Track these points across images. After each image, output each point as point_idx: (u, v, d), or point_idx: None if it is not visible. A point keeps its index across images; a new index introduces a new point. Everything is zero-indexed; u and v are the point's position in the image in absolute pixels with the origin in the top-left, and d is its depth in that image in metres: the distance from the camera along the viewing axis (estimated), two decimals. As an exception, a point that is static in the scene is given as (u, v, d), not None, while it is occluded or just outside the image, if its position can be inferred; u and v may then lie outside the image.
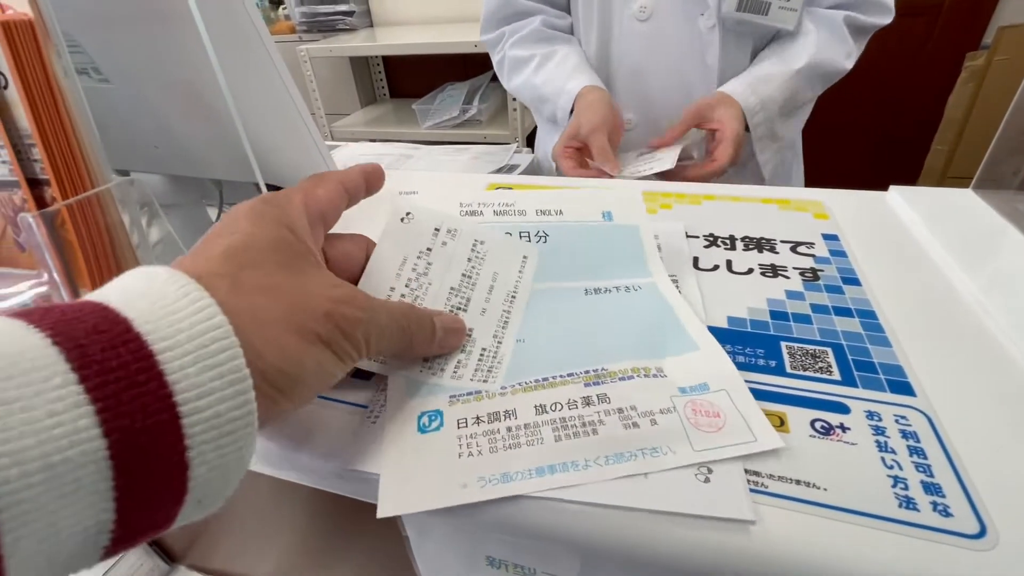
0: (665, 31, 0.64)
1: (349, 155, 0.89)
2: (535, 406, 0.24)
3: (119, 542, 0.15)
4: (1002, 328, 0.28)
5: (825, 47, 0.60)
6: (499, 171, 0.81)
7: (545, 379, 0.25)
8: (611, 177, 0.57)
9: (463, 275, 0.30)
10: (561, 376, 0.25)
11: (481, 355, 0.27)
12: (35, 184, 0.25)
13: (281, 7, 2.01)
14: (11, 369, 0.13)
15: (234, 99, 0.40)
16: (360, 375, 0.28)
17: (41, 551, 0.13)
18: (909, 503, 0.20)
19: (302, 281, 0.21)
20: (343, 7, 1.87)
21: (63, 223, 0.25)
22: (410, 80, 2.12)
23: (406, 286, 0.29)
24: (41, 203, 0.25)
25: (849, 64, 0.63)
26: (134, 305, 0.16)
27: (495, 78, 1.41)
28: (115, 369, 0.14)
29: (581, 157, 0.60)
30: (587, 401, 0.24)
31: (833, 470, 0.21)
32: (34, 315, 0.15)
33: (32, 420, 0.13)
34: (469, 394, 0.25)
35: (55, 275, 0.26)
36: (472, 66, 1.89)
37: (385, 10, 1.99)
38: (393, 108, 2.05)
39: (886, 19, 0.63)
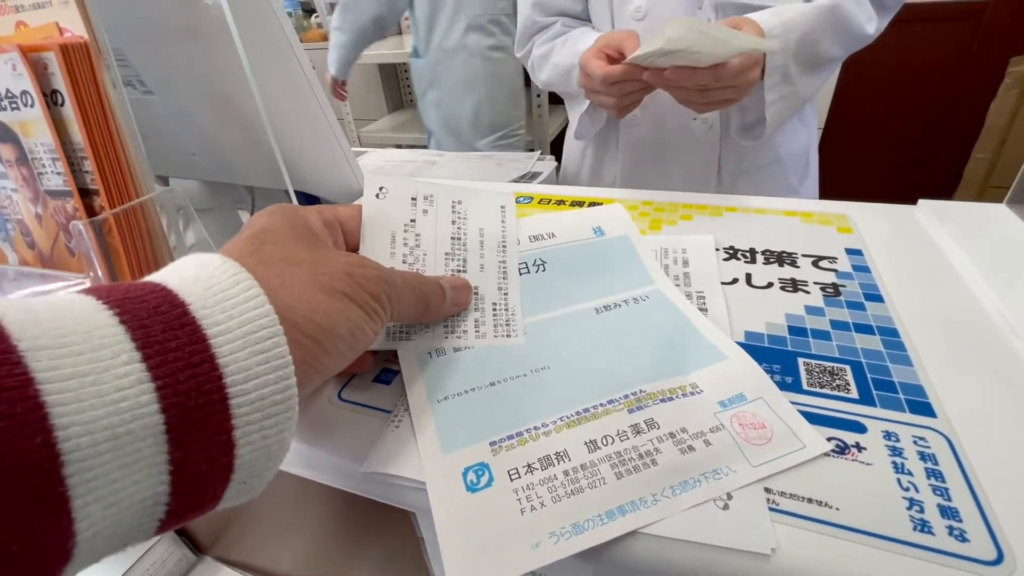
0: (661, 23, 0.62)
1: (375, 161, 0.91)
2: (586, 443, 0.23)
3: (172, 516, 0.16)
4: (1031, 349, 0.27)
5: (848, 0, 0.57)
6: (521, 178, 0.82)
7: (586, 410, 0.25)
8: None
9: (452, 238, 0.31)
10: (602, 405, 0.25)
11: (495, 310, 0.28)
12: (85, 194, 0.27)
13: (313, 15, 2.07)
14: (84, 345, 0.14)
15: (267, 109, 0.42)
16: (380, 379, 0.29)
17: (106, 517, 0.14)
18: (924, 526, 0.19)
19: (318, 252, 0.22)
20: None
21: (110, 230, 0.27)
22: (437, 86, 2.15)
23: (403, 262, 0.29)
24: (90, 211, 0.27)
25: (872, 30, 0.59)
26: (190, 289, 0.17)
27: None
28: (173, 350, 0.15)
29: (608, 61, 0.52)
30: (636, 430, 0.24)
31: (847, 490, 0.21)
32: (101, 291, 0.16)
33: (101, 393, 0.14)
34: (510, 437, 0.24)
35: (101, 278, 0.27)
36: (498, 72, 1.91)
37: (414, 17, 2.02)
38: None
39: (870, 29, 0.59)
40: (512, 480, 0.22)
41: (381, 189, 0.31)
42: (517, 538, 0.20)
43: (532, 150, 1.29)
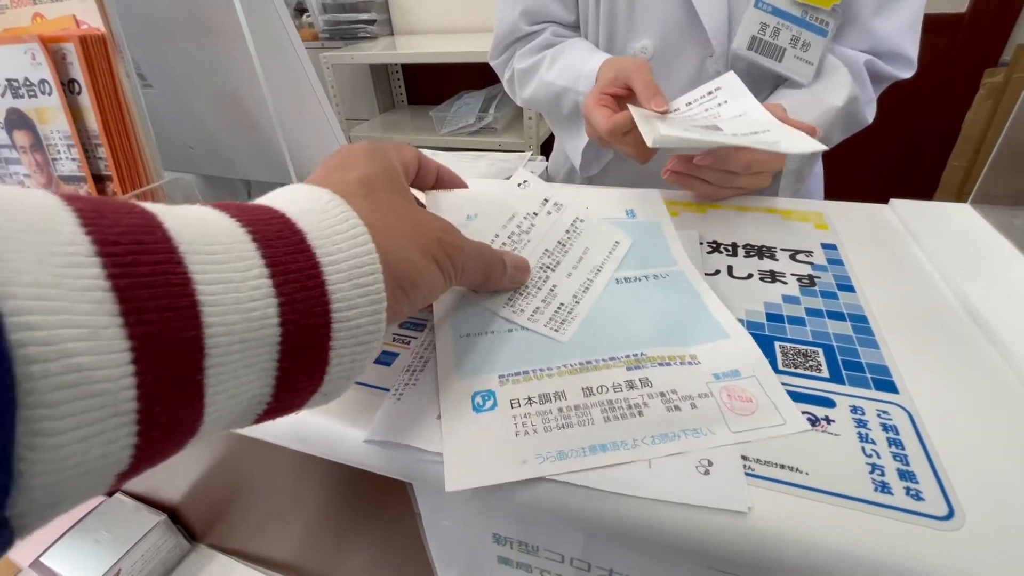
0: (669, 72, 0.62)
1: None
2: (583, 388, 0.26)
3: (267, 413, 0.18)
4: (985, 333, 0.29)
5: (856, 87, 0.55)
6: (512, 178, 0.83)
7: (589, 362, 0.27)
8: (662, 112, 0.44)
9: (558, 242, 0.34)
10: (604, 360, 0.27)
11: (558, 308, 0.31)
12: (98, 179, 0.28)
13: (305, 15, 2.07)
14: (226, 255, 0.16)
15: (267, 104, 0.43)
16: (380, 361, 0.31)
17: (227, 407, 0.16)
18: (884, 487, 0.21)
19: (415, 211, 0.25)
20: (365, 16, 1.93)
21: (121, 215, 0.28)
22: (428, 87, 2.16)
23: (509, 236, 0.33)
24: (102, 196, 0.28)
25: (870, 116, 0.58)
26: (307, 220, 0.19)
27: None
28: (294, 272, 0.17)
29: (618, 107, 0.49)
30: (631, 384, 0.26)
31: (816, 457, 0.23)
32: (232, 209, 0.18)
33: (239, 301, 0.16)
34: (517, 374, 0.27)
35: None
36: (489, 75, 1.93)
37: (406, 19, 2.04)
38: (410, 114, 2.09)
39: (907, 73, 0.58)
40: (512, 408, 0.25)
41: (524, 182, 0.36)
42: (508, 454, 0.23)
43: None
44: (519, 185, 0.36)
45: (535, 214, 0.35)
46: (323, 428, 0.28)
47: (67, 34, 0.25)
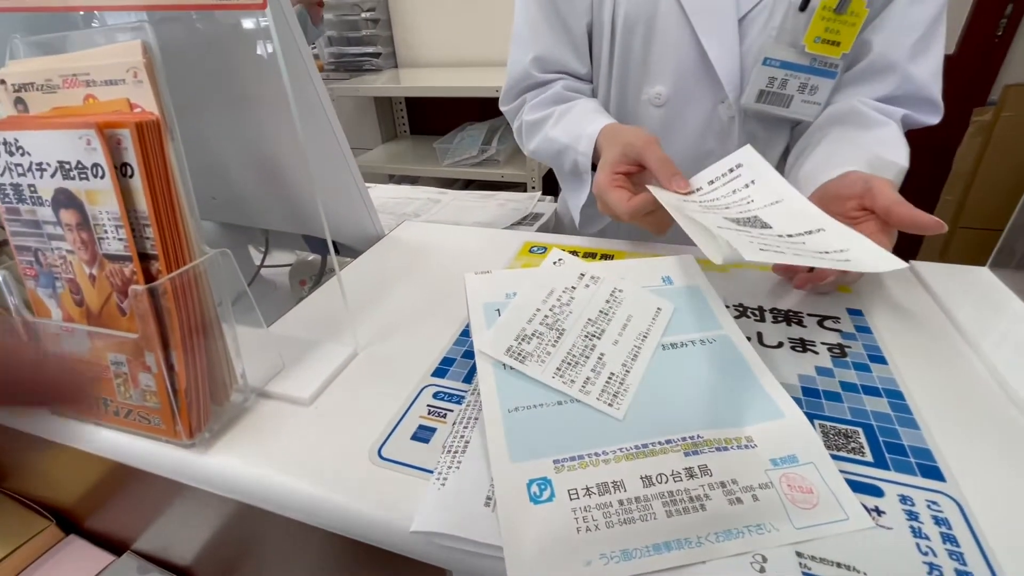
0: (683, 116, 0.63)
1: (378, 198, 0.93)
2: (641, 477, 0.25)
3: None
4: (1021, 411, 0.30)
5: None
6: (523, 220, 0.84)
7: (645, 445, 0.27)
8: (685, 192, 0.43)
9: (600, 311, 0.34)
10: (660, 443, 0.27)
11: (609, 378, 0.30)
12: (143, 258, 0.28)
13: (311, 47, 2.11)
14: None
15: (302, 163, 0.44)
16: (418, 437, 0.30)
17: None
18: (945, 591, 0.21)
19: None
20: (370, 49, 1.96)
21: (164, 292, 0.28)
22: (430, 119, 2.19)
23: (550, 309, 0.34)
24: (146, 274, 0.28)
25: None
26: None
27: (516, 122, 1.47)
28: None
29: (632, 185, 0.49)
30: (690, 473, 0.25)
31: (872, 554, 0.23)
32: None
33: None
34: (572, 459, 0.26)
35: (155, 339, 0.28)
36: (491, 108, 1.96)
37: (410, 52, 2.07)
38: (412, 145, 2.12)
39: (935, 119, 0.56)
40: (571, 500, 0.25)
41: (559, 259, 0.39)
42: (571, 553, 0.23)
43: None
44: (554, 263, 0.37)
45: (573, 287, 0.35)
46: (365, 514, 0.27)
47: (123, 119, 0.26)
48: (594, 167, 0.58)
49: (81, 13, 0.39)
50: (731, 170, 0.44)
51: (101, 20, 0.39)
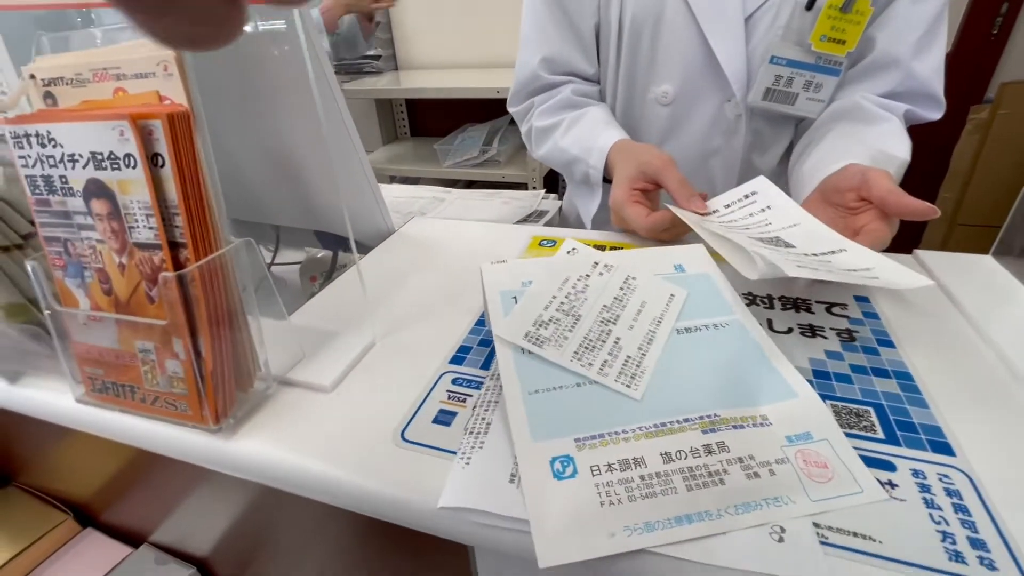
0: (689, 115, 0.64)
1: (384, 196, 0.93)
2: (661, 453, 0.26)
3: None
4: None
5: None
6: (528, 217, 0.85)
7: (664, 424, 0.28)
8: (702, 214, 0.45)
9: (615, 298, 0.35)
10: (678, 422, 0.28)
11: (626, 361, 0.31)
12: (173, 246, 0.29)
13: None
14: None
15: (317, 161, 0.45)
16: (440, 420, 0.31)
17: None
18: (958, 556, 0.22)
19: None
20: (371, 51, 1.97)
21: (192, 279, 0.29)
22: (431, 120, 2.20)
23: (566, 297, 0.35)
24: (175, 262, 0.29)
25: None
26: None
27: (514, 120, 1.48)
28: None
29: (649, 201, 0.51)
30: (708, 449, 0.26)
31: (887, 524, 0.23)
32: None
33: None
34: (593, 437, 0.27)
35: (183, 326, 0.29)
36: (492, 109, 1.97)
37: (410, 54, 2.09)
38: (414, 146, 2.12)
39: (937, 115, 0.57)
40: (594, 475, 0.26)
41: (573, 249, 0.39)
42: (596, 526, 0.24)
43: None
44: (568, 252, 0.38)
45: (587, 275, 0.36)
46: (390, 494, 0.28)
47: (155, 111, 0.26)
48: (606, 179, 0.60)
49: (102, 11, 0.40)
50: (746, 196, 0.46)
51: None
